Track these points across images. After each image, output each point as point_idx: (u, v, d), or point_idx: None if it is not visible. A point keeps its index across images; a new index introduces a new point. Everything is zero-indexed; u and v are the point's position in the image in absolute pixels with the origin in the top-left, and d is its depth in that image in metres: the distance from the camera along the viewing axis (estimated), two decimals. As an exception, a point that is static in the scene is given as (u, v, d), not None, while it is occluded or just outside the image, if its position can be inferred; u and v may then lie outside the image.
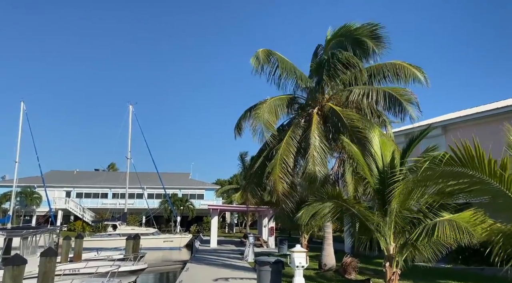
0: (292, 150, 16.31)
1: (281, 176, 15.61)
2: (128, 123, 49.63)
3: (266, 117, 16.38)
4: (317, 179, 14.85)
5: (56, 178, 62.09)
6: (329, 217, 11.87)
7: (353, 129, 15.19)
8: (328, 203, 11.52)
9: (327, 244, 17.26)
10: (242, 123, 18.83)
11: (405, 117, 15.40)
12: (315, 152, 15.40)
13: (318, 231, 23.14)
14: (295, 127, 16.97)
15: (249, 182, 17.96)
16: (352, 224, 12.02)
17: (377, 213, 11.41)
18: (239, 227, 65.70)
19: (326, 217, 11.92)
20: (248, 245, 21.84)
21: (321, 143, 15.74)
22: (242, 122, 18.81)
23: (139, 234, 23.14)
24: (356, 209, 11.23)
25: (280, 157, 15.94)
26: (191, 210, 56.52)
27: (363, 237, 12.08)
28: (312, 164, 15.10)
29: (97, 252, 22.39)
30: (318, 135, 15.87)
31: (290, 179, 16.26)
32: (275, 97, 17.41)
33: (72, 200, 58.75)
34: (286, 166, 16.01)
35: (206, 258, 23.29)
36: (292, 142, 16.46)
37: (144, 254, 22.10)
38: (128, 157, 49.36)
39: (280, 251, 27.25)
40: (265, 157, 17.63)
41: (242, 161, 48.86)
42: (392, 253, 11.63)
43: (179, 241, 41.15)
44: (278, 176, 15.52)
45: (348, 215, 11.78)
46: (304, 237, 23.32)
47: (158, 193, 58.10)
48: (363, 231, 11.87)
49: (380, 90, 15.95)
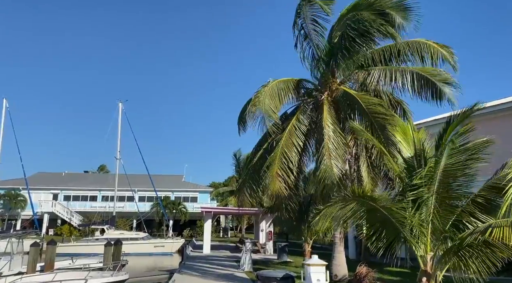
0: (296, 142, 13.88)
1: (280, 173, 13.15)
2: (118, 122, 47.07)
3: (268, 103, 13.96)
4: (333, 175, 12.38)
5: (42, 180, 59.80)
6: (353, 220, 9.33)
7: (375, 116, 12.74)
8: (352, 203, 9.06)
9: (337, 252, 14.75)
10: (246, 116, 16.40)
11: (441, 101, 12.81)
12: (330, 143, 12.93)
13: (324, 236, 20.53)
14: (300, 116, 14.54)
15: (246, 179, 15.36)
16: (376, 228, 9.51)
17: (413, 213, 8.96)
18: (234, 231, 63.18)
19: (349, 221, 9.36)
20: (245, 252, 19.21)
21: (335, 132, 13.29)
22: (246, 115, 16.39)
23: (120, 240, 20.44)
24: (387, 209, 8.77)
25: (281, 150, 13.48)
26: (184, 214, 54.10)
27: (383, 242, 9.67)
28: (327, 157, 12.62)
29: (72, 259, 19.70)
30: (331, 123, 13.43)
31: (292, 177, 13.77)
32: (278, 79, 14.93)
33: (59, 202, 56.10)
34: (287, 161, 13.57)
35: (197, 267, 20.68)
36: (296, 133, 14.03)
37: (126, 262, 19.46)
38: (117, 157, 46.76)
39: (280, 258, 24.74)
40: (265, 149, 15.15)
41: (236, 160, 46.40)
42: (429, 265, 9.19)
43: (170, 246, 38.73)
44: (276, 172, 13.04)
45: (374, 217, 9.26)
46: (308, 243, 20.81)
47: (150, 195, 56.00)
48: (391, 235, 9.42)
49: (407, 70, 13.49)
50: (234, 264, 21.81)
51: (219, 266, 20.75)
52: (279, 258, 24.79)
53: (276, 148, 13.49)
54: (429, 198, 9.06)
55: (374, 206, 8.88)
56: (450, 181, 8.87)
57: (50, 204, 55.44)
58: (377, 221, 9.32)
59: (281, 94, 14.71)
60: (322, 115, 13.58)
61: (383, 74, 13.79)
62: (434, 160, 9.01)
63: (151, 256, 35.98)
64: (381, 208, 8.87)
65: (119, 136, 46.67)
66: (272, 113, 13.89)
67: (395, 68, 13.91)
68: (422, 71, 13.18)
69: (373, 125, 12.68)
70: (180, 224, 56.23)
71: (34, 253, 17.40)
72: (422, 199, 9.04)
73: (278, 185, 12.96)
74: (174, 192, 60.66)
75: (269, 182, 12.99)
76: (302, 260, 24.80)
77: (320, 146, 13.10)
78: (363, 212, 9.12)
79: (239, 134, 16.81)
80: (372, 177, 16.06)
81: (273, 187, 12.84)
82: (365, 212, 9.15)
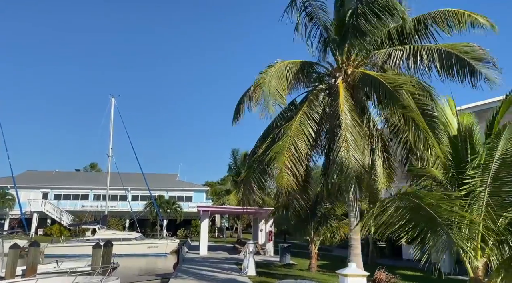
0: (307, 132, 12.25)
1: (289, 165, 11.50)
2: (110, 118, 45.25)
3: (274, 84, 12.31)
4: (352, 169, 10.80)
5: (32, 179, 58.04)
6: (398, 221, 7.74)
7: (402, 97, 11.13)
8: (398, 202, 7.52)
9: (354, 255, 13.12)
10: (243, 104, 14.78)
11: (477, 82, 11.12)
12: (348, 132, 11.33)
13: (332, 237, 19.00)
14: (312, 102, 12.91)
15: (250, 172, 13.63)
16: (422, 229, 7.91)
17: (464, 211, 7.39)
18: (229, 231, 61.57)
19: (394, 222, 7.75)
20: (248, 254, 17.57)
21: (353, 120, 11.70)
22: (244, 102, 14.77)
23: (111, 241, 18.70)
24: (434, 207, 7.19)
25: (290, 140, 11.85)
26: (178, 213, 52.49)
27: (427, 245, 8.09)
28: (345, 148, 11.02)
29: (57, 263, 17.96)
30: (348, 110, 11.82)
31: (302, 170, 12.16)
32: (286, 61, 13.30)
33: (49, 202, 54.33)
34: (297, 152, 11.93)
35: (194, 270, 19.03)
36: (308, 121, 12.40)
37: (116, 266, 17.76)
38: (109, 154, 45.05)
39: (283, 260, 23.19)
40: (272, 139, 13.51)
41: (234, 158, 44.78)
42: (480, 273, 7.65)
43: (165, 247, 37.37)
44: (284, 164, 11.40)
45: (417, 216, 7.66)
46: (314, 244, 19.28)
47: (143, 194, 54.58)
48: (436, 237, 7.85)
49: (433, 49, 11.87)
50: (235, 267, 20.19)
51: (219, 270, 19.11)
52: (282, 260, 23.24)
53: (285, 137, 11.85)
54: (481, 192, 7.52)
55: (419, 203, 7.31)
56: (510, 171, 7.29)
57: (40, 203, 53.61)
58: (420, 221, 7.73)
59: (290, 77, 13.07)
60: (337, 101, 11.96)
61: (406, 54, 12.18)
62: (488, 147, 7.44)
63: (145, 257, 34.77)
64: (426, 206, 7.29)
65: (111, 133, 45.05)
66: (279, 97, 12.26)
67: (420, 46, 12.31)
68: (451, 48, 11.54)
69: (398, 108, 11.03)
70: (174, 224, 54.64)
71: (13, 256, 15.65)
72: (474, 193, 7.49)
73: (287, 178, 11.31)
74: (169, 191, 59.21)
75: (277, 175, 11.34)
76: (305, 262, 23.38)
77: (336, 136, 11.49)
78: (406, 211, 7.53)
79: (232, 123, 15.22)
80: (388, 173, 14.54)
81: (281, 180, 11.19)
82: (407, 211, 7.56)
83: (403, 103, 10.86)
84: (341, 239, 19.54)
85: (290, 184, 11.39)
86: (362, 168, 11.24)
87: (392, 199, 7.58)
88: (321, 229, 18.58)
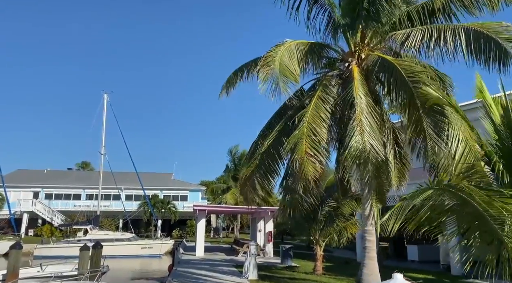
0: (324, 116, 10.97)
1: (311, 153, 10.23)
2: (103, 114, 43.84)
3: (286, 62, 11.01)
4: (367, 155, 9.55)
5: (22, 177, 56.55)
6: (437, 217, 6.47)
7: (417, 87, 9.92)
8: (430, 191, 6.24)
9: (369, 258, 11.84)
10: (236, 78, 13.52)
11: (508, 68, 9.83)
12: (363, 116, 10.08)
13: (339, 237, 17.71)
14: (325, 87, 11.61)
15: (255, 167, 12.28)
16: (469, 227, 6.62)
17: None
18: (225, 232, 60.28)
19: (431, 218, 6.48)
20: (249, 256, 16.19)
21: (369, 106, 10.45)
22: (236, 77, 13.50)
23: (100, 242, 17.26)
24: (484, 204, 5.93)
25: (308, 126, 10.57)
26: (173, 213, 51.14)
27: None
28: (359, 133, 9.77)
29: (41, 266, 16.54)
30: (364, 94, 10.57)
31: (323, 158, 10.90)
32: (296, 41, 11.98)
33: (39, 201, 52.84)
34: (317, 139, 10.65)
35: (191, 274, 17.68)
36: (324, 105, 11.13)
37: (106, 270, 16.39)
38: (101, 152, 43.69)
39: (284, 262, 21.87)
40: (280, 131, 12.22)
41: (232, 156, 43.49)
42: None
43: (159, 248, 36.17)
44: (306, 152, 10.12)
45: (462, 213, 6.39)
46: (320, 245, 17.99)
47: (137, 194, 53.32)
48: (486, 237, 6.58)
49: (460, 28, 10.60)
50: (234, 270, 18.86)
51: (218, 273, 17.75)
52: (283, 262, 21.93)
53: (301, 124, 10.55)
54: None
55: (465, 198, 6.04)
56: None
57: (30, 203, 52.19)
58: (464, 219, 6.47)
59: (300, 58, 11.75)
60: (352, 85, 10.69)
61: (427, 35, 10.92)
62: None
63: (138, 258, 33.62)
64: (473, 202, 6.02)
65: (104, 130, 43.75)
66: (291, 75, 10.92)
67: (444, 26, 11.02)
68: (481, 27, 10.29)
69: (415, 99, 9.83)
70: (169, 224, 53.46)
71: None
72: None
73: (312, 166, 10.01)
74: (163, 190, 58.03)
75: (300, 165, 10.00)
76: (307, 264, 22.10)
77: (350, 120, 10.21)
78: (448, 206, 6.25)
79: (219, 97, 14.04)
80: (399, 169, 13.27)
81: (307, 169, 9.86)
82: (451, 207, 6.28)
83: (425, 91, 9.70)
84: (348, 240, 18.32)
85: (317, 171, 10.10)
86: (378, 156, 9.93)
87: (437, 189, 6.28)
88: (327, 229, 17.30)
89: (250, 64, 13.72)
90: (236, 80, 13.95)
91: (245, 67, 13.85)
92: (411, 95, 9.95)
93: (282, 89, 10.51)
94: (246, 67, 13.84)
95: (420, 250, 26.01)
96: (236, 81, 13.95)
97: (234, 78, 13.97)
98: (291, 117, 11.77)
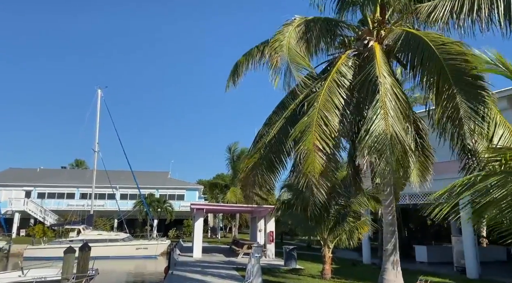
0: (338, 102, 9.54)
1: (320, 145, 8.79)
2: (96, 110, 42.30)
3: (294, 45, 9.64)
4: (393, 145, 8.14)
5: (14, 176, 55.20)
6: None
7: (450, 58, 8.52)
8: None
9: (391, 262, 10.41)
10: (242, 66, 12.05)
11: None
12: (387, 98, 8.66)
13: (349, 238, 16.27)
14: (342, 68, 10.16)
15: (258, 160, 10.81)
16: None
17: None
18: (223, 231, 58.82)
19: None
20: (253, 258, 14.54)
21: (394, 86, 9.04)
22: (243, 64, 12.03)
23: (88, 244, 15.67)
24: None
25: (318, 113, 9.14)
26: (169, 212, 49.61)
27: None
28: (383, 118, 8.37)
29: (23, 271, 15.01)
30: (387, 73, 9.16)
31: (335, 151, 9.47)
32: (307, 17, 10.56)
33: (31, 200, 51.28)
34: (329, 128, 9.23)
35: (188, 278, 16.23)
36: (339, 89, 9.70)
37: (94, 274, 14.90)
38: (95, 150, 42.16)
39: (288, 265, 20.45)
40: (287, 118, 10.78)
41: (231, 153, 42.05)
42: None
43: (154, 248, 34.97)
44: (314, 144, 8.70)
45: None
46: (328, 247, 16.55)
47: (133, 193, 51.86)
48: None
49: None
50: (235, 273, 17.36)
51: (217, 278, 16.21)
52: (287, 265, 20.49)
53: (311, 110, 9.13)
54: None
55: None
56: None
57: (22, 202, 50.68)
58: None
59: (312, 38, 10.35)
60: (374, 63, 9.27)
61: (459, 3, 9.50)
62: None
63: (133, 259, 32.42)
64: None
65: (98, 126, 42.24)
66: (301, 60, 9.57)
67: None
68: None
69: (446, 73, 8.40)
70: (165, 223, 51.98)
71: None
72: None
73: (319, 162, 8.59)
74: (159, 189, 56.60)
75: (305, 158, 8.59)
76: (311, 266, 20.64)
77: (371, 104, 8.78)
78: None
79: (225, 90, 12.58)
80: (422, 161, 11.84)
81: (311, 165, 8.45)
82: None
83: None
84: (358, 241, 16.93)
85: (322, 168, 8.66)
86: (403, 144, 8.50)
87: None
88: (337, 229, 15.84)
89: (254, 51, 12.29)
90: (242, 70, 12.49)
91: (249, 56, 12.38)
92: (442, 69, 8.53)
93: (296, 77, 9.24)
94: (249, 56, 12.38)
95: (429, 251, 24.78)
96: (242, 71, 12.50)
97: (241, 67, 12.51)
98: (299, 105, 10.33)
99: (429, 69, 8.89)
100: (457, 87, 8.30)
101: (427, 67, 8.97)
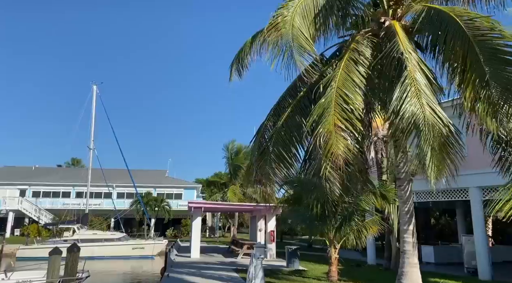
0: (358, 81, 8.48)
1: (342, 125, 7.74)
2: (92, 107, 41.32)
3: (298, 24, 8.62)
4: (431, 126, 7.08)
5: (8, 174, 53.97)
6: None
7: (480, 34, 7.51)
8: None
9: (409, 265, 9.35)
10: (247, 55, 10.93)
11: None
12: (417, 74, 7.63)
13: (357, 238, 15.25)
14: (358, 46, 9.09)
15: (267, 149, 9.74)
16: None
17: None
18: (221, 231, 57.81)
19: None
20: (255, 260, 13.45)
21: (421, 62, 8.00)
22: (247, 52, 10.91)
23: (77, 245, 14.57)
24: None
25: (337, 92, 8.11)
26: (167, 211, 48.60)
27: None
28: (414, 96, 7.35)
29: (6, 274, 13.90)
30: (412, 50, 8.13)
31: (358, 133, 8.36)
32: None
33: (26, 199, 50.15)
34: (350, 108, 8.15)
35: (186, 281, 15.20)
36: (357, 67, 8.66)
37: (84, 276, 13.85)
38: (90, 147, 41.15)
39: (291, 266, 19.41)
40: (296, 106, 9.74)
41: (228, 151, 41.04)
42: None
43: (151, 248, 34.03)
44: (335, 125, 7.65)
45: None
46: (334, 247, 15.52)
47: (130, 192, 51.16)
48: None
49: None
50: (236, 276, 16.30)
51: (216, 281, 15.22)
52: (289, 266, 19.44)
53: (328, 91, 8.09)
54: None
55: None
56: None
57: (16, 201, 49.56)
58: None
59: (319, 16, 9.29)
60: (396, 39, 8.22)
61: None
62: None
63: (129, 259, 31.51)
64: None
65: (93, 123, 41.15)
66: (305, 42, 8.50)
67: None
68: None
69: (475, 51, 7.37)
70: (163, 223, 51.11)
71: None
72: None
73: (343, 143, 7.52)
74: (157, 188, 55.49)
75: (327, 141, 7.50)
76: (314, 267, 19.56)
77: (397, 82, 7.72)
78: None
79: (230, 79, 11.32)
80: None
81: (335, 145, 7.36)
82: None
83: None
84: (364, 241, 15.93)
85: (347, 150, 7.62)
86: (446, 123, 7.36)
87: None
88: (345, 228, 14.79)
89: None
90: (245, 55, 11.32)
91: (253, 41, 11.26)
92: (470, 47, 7.49)
93: (296, 57, 8.15)
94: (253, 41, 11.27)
95: (436, 251, 23.85)
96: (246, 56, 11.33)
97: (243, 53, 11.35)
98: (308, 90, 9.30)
99: (455, 48, 7.87)
100: (488, 66, 7.28)
101: (452, 46, 7.94)
